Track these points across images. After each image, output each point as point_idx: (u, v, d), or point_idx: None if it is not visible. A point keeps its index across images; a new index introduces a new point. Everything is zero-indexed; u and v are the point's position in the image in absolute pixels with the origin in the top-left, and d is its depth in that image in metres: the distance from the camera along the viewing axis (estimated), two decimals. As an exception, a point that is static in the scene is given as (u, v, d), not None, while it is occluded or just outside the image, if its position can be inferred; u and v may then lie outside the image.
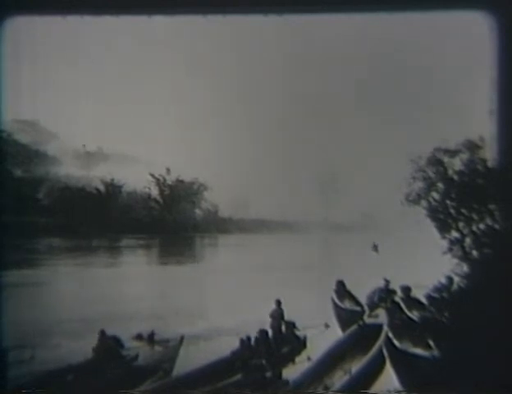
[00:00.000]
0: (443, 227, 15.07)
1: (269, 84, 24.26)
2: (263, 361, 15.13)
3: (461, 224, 15.00)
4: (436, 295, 16.42)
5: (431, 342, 15.13)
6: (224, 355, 15.81)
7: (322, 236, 31.32)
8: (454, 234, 14.99)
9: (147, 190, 30.52)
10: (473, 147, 15.44)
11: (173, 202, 30.82)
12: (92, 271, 26.34)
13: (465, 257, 14.79)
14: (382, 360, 16.31)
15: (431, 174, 15.61)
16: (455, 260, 14.83)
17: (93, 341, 16.08)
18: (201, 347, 17.75)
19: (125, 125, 25.51)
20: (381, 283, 20.79)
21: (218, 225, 31.63)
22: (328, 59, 23.15)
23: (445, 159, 15.60)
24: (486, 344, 13.49)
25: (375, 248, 28.33)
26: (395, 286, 20.39)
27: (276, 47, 22.28)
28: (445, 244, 14.93)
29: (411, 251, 24.39)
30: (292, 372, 15.37)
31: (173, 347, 16.80)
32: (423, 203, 15.48)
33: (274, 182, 27.24)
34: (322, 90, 24.58)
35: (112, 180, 30.38)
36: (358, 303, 21.04)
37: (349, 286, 21.69)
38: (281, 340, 17.36)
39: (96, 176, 30.20)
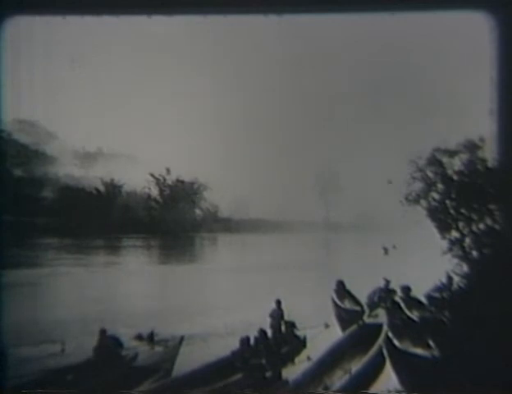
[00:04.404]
0: (443, 227, 15.07)
1: (269, 84, 24.25)
2: (263, 361, 15.11)
3: (461, 224, 15.00)
4: (436, 294, 16.43)
5: (431, 342, 15.12)
6: (224, 354, 15.79)
7: (322, 236, 31.31)
8: (454, 234, 14.99)
9: (147, 190, 30.53)
10: (473, 147, 15.44)
11: (173, 202, 30.81)
12: (92, 271, 26.34)
13: (465, 257, 14.78)
14: (382, 360, 16.29)
15: (430, 174, 15.60)
16: (455, 260, 14.82)
17: (93, 340, 16.07)
18: (201, 347, 17.75)
19: (125, 125, 25.50)
20: (382, 283, 20.78)
21: (218, 225, 31.62)
22: (328, 59, 23.15)
23: (445, 159, 15.60)
24: (486, 344, 13.49)
25: (385, 251, 28.45)
26: (396, 285, 20.39)
27: (276, 47, 22.27)
28: (445, 244, 14.92)
29: (411, 251, 24.38)
30: (292, 372, 15.36)
31: (173, 347, 16.77)
32: (423, 203, 15.48)
33: (274, 182, 27.24)
34: (322, 90, 24.58)
35: (112, 180, 30.39)
36: (358, 303, 21.02)
37: (348, 286, 21.68)
38: (281, 340, 17.34)
39: (96, 176, 30.21)
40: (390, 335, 17.07)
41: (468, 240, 14.88)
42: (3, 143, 18.19)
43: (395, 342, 16.47)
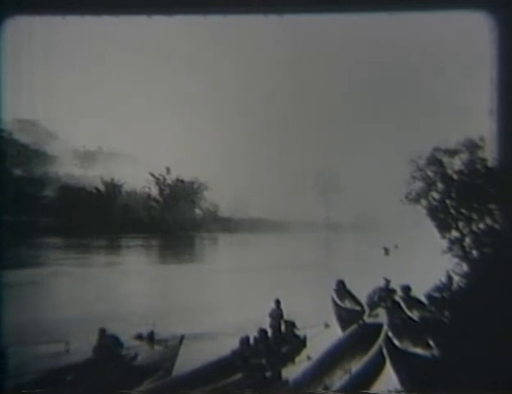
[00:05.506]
0: (443, 227, 15.05)
1: (269, 84, 24.27)
2: (263, 361, 15.09)
3: (461, 224, 14.99)
4: (436, 294, 16.42)
5: (431, 342, 15.12)
6: (224, 354, 15.78)
7: (322, 236, 31.33)
8: (455, 233, 14.98)
9: (147, 189, 30.57)
10: (473, 147, 15.43)
11: (173, 201, 30.84)
12: (92, 270, 26.35)
13: (465, 256, 14.77)
14: (382, 360, 16.27)
15: (430, 174, 15.59)
16: (455, 260, 14.82)
17: (94, 340, 16.06)
18: (201, 347, 17.74)
19: (125, 124, 25.52)
20: (382, 283, 20.78)
21: (218, 224, 31.65)
22: (328, 59, 23.16)
23: (445, 159, 15.59)
24: (487, 344, 13.49)
25: (386, 251, 28.49)
26: (396, 285, 20.40)
27: (277, 47, 22.29)
28: (445, 243, 14.92)
29: (411, 250, 24.40)
30: (292, 372, 15.35)
31: (173, 347, 16.76)
32: (423, 202, 15.47)
33: (274, 182, 27.26)
34: (322, 90, 24.60)
35: (112, 179, 30.42)
36: (358, 302, 21.01)
37: (349, 286, 21.69)
38: (281, 339, 17.33)
39: (96, 175, 30.25)
40: (390, 335, 17.05)
41: (468, 240, 14.86)
42: (3, 143, 18.21)
43: (395, 342, 16.45)
